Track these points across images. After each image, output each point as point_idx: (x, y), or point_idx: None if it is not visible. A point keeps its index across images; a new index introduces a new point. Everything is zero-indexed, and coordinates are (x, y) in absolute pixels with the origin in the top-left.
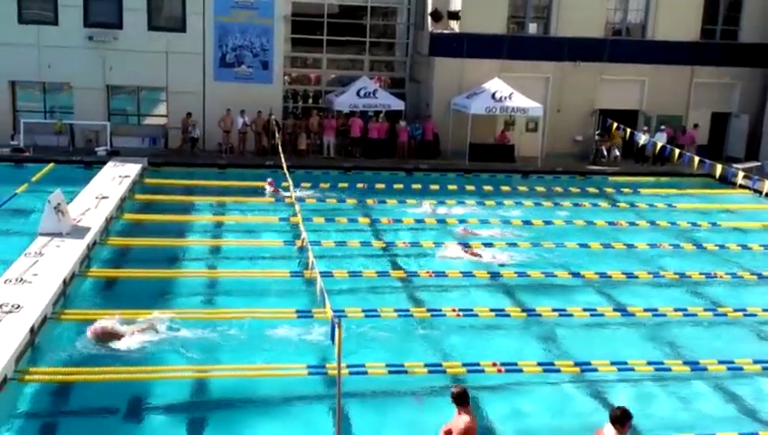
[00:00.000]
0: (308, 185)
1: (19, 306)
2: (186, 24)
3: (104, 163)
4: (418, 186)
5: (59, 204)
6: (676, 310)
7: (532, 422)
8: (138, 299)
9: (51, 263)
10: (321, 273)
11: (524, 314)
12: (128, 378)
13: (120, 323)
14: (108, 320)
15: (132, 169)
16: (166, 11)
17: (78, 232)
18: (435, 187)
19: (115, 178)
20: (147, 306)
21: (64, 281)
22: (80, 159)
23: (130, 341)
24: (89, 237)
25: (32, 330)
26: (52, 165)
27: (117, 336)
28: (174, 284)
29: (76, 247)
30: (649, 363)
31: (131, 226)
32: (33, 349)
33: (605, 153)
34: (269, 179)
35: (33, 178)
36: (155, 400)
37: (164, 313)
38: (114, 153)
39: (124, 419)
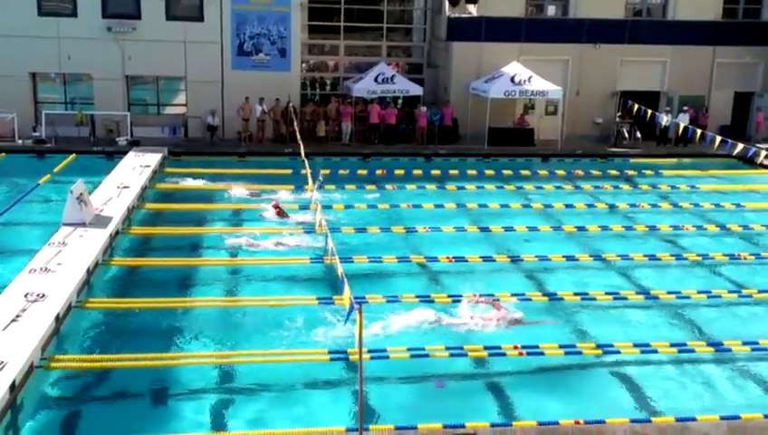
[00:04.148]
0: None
1: (44, 295)
2: (203, 13)
3: (125, 153)
4: (437, 171)
5: (81, 194)
6: (699, 292)
7: (554, 407)
8: (160, 287)
9: (74, 252)
10: (341, 259)
11: (547, 298)
12: (151, 365)
13: None
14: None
15: (153, 158)
16: (183, 0)
17: (100, 221)
18: (454, 172)
19: (136, 168)
20: (170, 294)
21: (88, 270)
22: (101, 150)
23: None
24: (111, 227)
25: (57, 318)
26: (73, 156)
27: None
28: (196, 271)
29: (99, 237)
30: (672, 345)
31: (153, 215)
32: (58, 337)
33: (626, 135)
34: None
35: (56, 169)
36: (178, 386)
37: None
38: (135, 143)
39: (148, 405)
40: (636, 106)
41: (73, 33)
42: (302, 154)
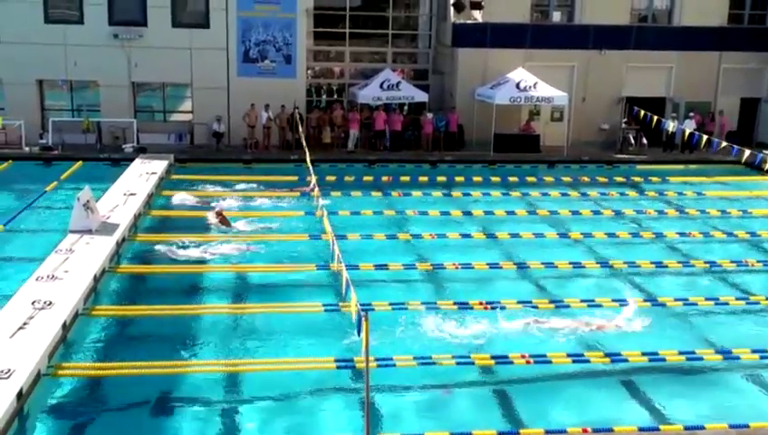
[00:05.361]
0: None
1: (51, 303)
2: (209, 20)
3: (131, 160)
4: (443, 178)
5: (88, 201)
6: (707, 299)
7: (561, 414)
8: (167, 294)
9: (81, 259)
10: (346, 266)
11: (552, 305)
12: (158, 372)
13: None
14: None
15: (159, 165)
16: (189, 7)
17: (107, 229)
18: (460, 178)
19: (142, 175)
20: (176, 302)
21: (95, 277)
22: (107, 157)
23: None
24: (118, 234)
25: (64, 326)
26: (80, 163)
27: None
28: (202, 279)
29: (105, 244)
30: (681, 353)
31: (159, 221)
32: (65, 344)
33: (632, 141)
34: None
35: (62, 177)
36: (185, 394)
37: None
38: (141, 150)
39: (155, 413)
40: (642, 112)
41: (80, 41)
42: (308, 161)
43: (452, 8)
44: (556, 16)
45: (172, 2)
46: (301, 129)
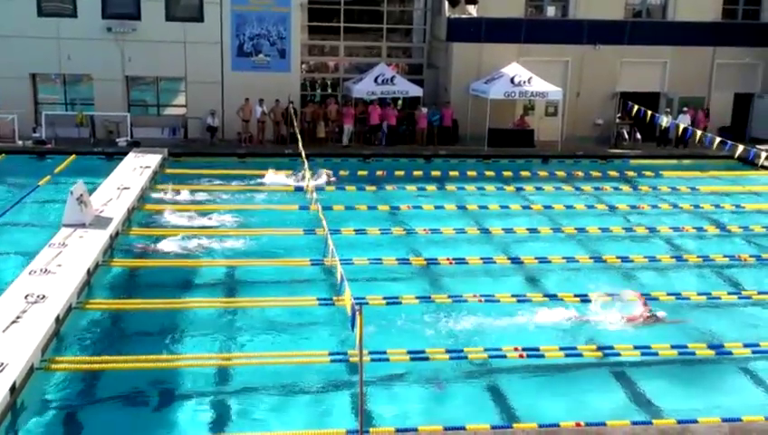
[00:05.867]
0: None
1: (44, 296)
2: (203, 13)
3: (125, 154)
4: (437, 172)
5: (81, 195)
6: (699, 293)
7: (553, 407)
8: (161, 288)
9: (74, 253)
10: (341, 260)
11: (546, 298)
12: (152, 366)
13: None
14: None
15: (153, 159)
16: (183, 1)
17: (100, 222)
18: (454, 173)
19: (136, 169)
20: (170, 295)
21: (88, 271)
22: (101, 151)
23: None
24: (111, 228)
25: (57, 319)
26: (73, 156)
27: None
28: (195, 272)
29: (99, 238)
30: (673, 347)
31: (152, 215)
32: (58, 338)
33: (626, 136)
34: None
35: (56, 170)
36: (179, 387)
37: None
38: (135, 144)
39: (148, 406)
40: (636, 107)
41: (73, 34)
42: (303, 155)
43: (446, 3)
44: (550, 11)
45: None
46: (295, 123)
